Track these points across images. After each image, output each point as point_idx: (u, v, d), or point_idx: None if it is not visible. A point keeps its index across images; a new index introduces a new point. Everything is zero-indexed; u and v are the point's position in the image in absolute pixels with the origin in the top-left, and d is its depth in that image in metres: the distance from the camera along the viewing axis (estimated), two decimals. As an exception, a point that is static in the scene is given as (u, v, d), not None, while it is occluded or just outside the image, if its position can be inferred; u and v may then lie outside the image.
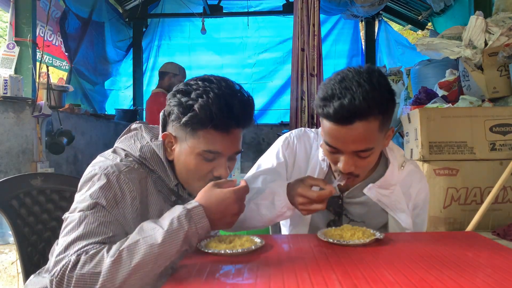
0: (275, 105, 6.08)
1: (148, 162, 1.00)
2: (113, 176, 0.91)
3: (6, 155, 2.94)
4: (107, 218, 0.87)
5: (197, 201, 0.87)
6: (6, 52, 3.10)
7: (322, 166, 1.22)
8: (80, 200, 0.90)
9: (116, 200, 0.90)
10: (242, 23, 5.92)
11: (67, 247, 0.81)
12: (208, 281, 0.77)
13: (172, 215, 0.84)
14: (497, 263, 0.84)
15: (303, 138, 1.29)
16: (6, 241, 2.63)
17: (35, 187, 1.27)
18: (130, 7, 5.88)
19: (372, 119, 0.98)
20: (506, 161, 1.99)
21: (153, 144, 1.01)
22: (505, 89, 2.53)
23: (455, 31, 2.96)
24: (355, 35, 6.14)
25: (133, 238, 0.81)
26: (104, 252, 0.79)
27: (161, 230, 0.81)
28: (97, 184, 0.90)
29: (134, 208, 0.93)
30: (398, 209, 1.19)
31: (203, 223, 0.84)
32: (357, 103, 0.95)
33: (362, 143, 1.01)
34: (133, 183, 0.93)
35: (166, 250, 0.80)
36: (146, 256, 0.78)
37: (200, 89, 0.94)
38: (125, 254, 0.78)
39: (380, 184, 1.18)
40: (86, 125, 4.19)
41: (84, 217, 0.85)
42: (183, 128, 0.96)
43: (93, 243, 0.82)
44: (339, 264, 0.84)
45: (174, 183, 1.01)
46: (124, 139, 1.07)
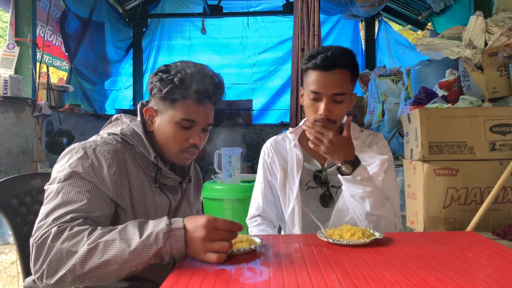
0: (275, 105, 6.09)
1: (128, 137, 1.10)
2: (90, 149, 1.01)
3: (6, 155, 2.94)
4: (82, 187, 0.95)
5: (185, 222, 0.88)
6: (6, 52, 3.10)
7: (297, 154, 1.40)
8: (59, 170, 0.98)
9: (93, 168, 0.98)
10: (242, 23, 5.92)
11: (47, 215, 0.90)
12: (208, 281, 0.77)
13: (154, 228, 0.86)
14: (497, 263, 0.84)
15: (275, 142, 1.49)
16: (6, 241, 2.63)
17: (35, 187, 1.27)
18: (130, 7, 5.88)
19: (346, 70, 1.27)
20: (506, 161, 1.99)
21: (132, 124, 1.12)
22: (505, 89, 2.53)
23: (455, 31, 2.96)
24: (355, 35, 6.14)
25: (113, 235, 0.85)
26: (85, 235, 0.85)
27: (137, 238, 0.84)
28: (75, 156, 0.99)
29: (111, 173, 0.99)
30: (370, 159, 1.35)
31: (179, 245, 0.85)
32: (337, 54, 1.26)
33: (339, 87, 1.26)
34: (108, 153, 1.01)
35: (134, 258, 0.84)
36: (116, 256, 0.83)
37: (178, 67, 1.08)
38: (100, 247, 0.84)
39: None
40: (86, 125, 4.19)
41: (62, 188, 0.94)
42: (163, 100, 1.08)
43: (69, 212, 0.90)
44: (339, 264, 0.84)
45: (153, 155, 1.09)
46: (107, 128, 1.18)
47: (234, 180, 2.53)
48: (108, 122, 1.20)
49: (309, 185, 1.40)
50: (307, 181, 1.40)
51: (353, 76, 1.29)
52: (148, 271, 1.08)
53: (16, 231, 1.17)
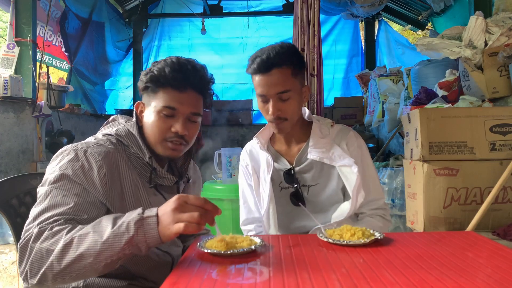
0: (275, 105, 6.08)
1: (122, 138, 1.10)
2: (81, 151, 1.01)
3: (6, 155, 2.94)
4: (71, 190, 0.95)
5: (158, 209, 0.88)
6: (6, 52, 3.10)
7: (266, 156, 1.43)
8: (50, 172, 0.99)
9: (83, 170, 0.98)
10: (242, 23, 5.92)
11: (34, 219, 0.91)
12: (208, 281, 0.77)
13: (126, 218, 0.87)
14: (497, 263, 0.84)
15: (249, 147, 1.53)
16: (6, 241, 2.63)
17: (35, 187, 1.26)
18: (130, 7, 5.88)
19: (285, 67, 1.29)
20: (506, 161, 1.99)
21: (127, 125, 1.14)
22: (505, 89, 2.53)
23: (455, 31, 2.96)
24: (355, 35, 6.14)
25: (87, 229, 0.86)
26: (63, 233, 0.86)
27: (109, 229, 0.85)
28: (66, 158, 1.00)
29: (101, 175, 0.99)
30: (339, 157, 1.36)
31: (153, 234, 0.85)
32: (271, 56, 1.28)
33: (280, 85, 1.28)
34: (99, 155, 1.01)
35: (106, 248, 0.84)
36: (89, 249, 0.84)
37: (161, 61, 1.13)
38: (75, 241, 0.84)
39: (314, 143, 1.39)
40: (86, 125, 4.19)
41: (50, 191, 0.95)
42: (148, 93, 1.11)
43: (56, 215, 0.91)
44: (339, 264, 0.84)
45: (147, 156, 1.10)
46: (103, 129, 1.19)
47: (234, 180, 2.53)
48: (105, 123, 1.21)
49: (281, 185, 1.42)
50: (279, 182, 1.42)
51: (295, 70, 1.31)
52: (147, 270, 1.08)
53: (16, 231, 1.17)
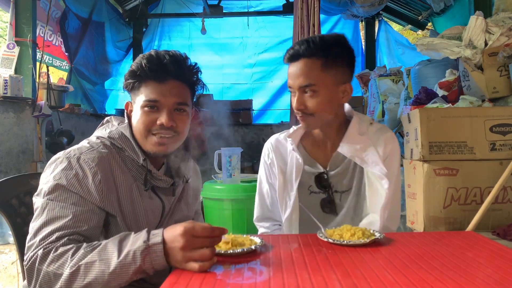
0: (275, 105, 6.08)
1: (116, 141, 1.08)
2: (74, 158, 0.99)
3: (6, 155, 2.94)
4: (67, 200, 0.94)
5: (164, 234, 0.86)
6: (6, 52, 3.10)
7: (297, 158, 1.32)
8: (45, 182, 0.98)
9: (77, 178, 0.97)
10: (242, 23, 5.92)
11: (35, 234, 0.90)
12: (208, 281, 0.77)
13: (131, 246, 0.85)
14: (497, 263, 0.84)
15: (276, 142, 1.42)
16: (6, 241, 2.63)
17: (35, 187, 1.26)
18: (130, 7, 5.88)
19: (315, 58, 1.20)
20: (506, 161, 1.99)
21: (120, 127, 1.11)
22: (505, 89, 2.53)
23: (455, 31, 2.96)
24: (355, 35, 6.14)
25: (93, 256, 0.85)
26: (68, 256, 0.86)
27: (115, 259, 0.84)
28: (60, 167, 0.98)
29: (96, 182, 0.98)
30: (372, 162, 1.27)
31: (160, 261, 0.84)
32: (303, 46, 1.21)
33: (305, 78, 1.20)
34: (93, 161, 1.00)
35: (115, 278, 0.84)
36: (97, 278, 0.83)
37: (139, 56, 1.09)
38: (82, 270, 0.84)
39: (349, 139, 1.29)
40: (86, 125, 4.19)
41: (46, 204, 0.94)
42: (131, 90, 1.09)
43: (55, 230, 0.90)
44: (339, 264, 0.84)
45: (142, 158, 1.07)
46: (97, 131, 1.16)
47: (234, 180, 2.53)
48: (100, 125, 1.19)
49: (311, 189, 1.33)
50: (309, 185, 1.33)
51: (328, 63, 1.19)
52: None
53: (16, 231, 1.17)
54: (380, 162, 1.25)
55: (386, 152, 1.29)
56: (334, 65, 1.21)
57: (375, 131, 1.32)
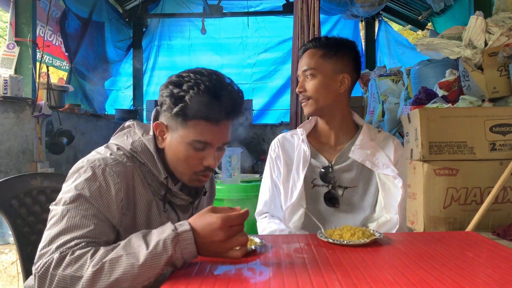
0: (275, 105, 6.08)
1: (138, 155, 1.03)
2: (99, 169, 0.94)
3: (6, 155, 2.94)
4: (89, 211, 0.89)
5: (190, 223, 0.85)
6: (6, 52, 3.10)
7: (304, 150, 1.40)
8: (66, 191, 0.93)
9: (100, 191, 0.92)
10: (242, 23, 5.92)
11: (51, 241, 0.85)
12: (208, 281, 0.77)
13: (160, 236, 0.82)
14: (497, 263, 0.84)
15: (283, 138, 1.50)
16: (6, 241, 2.63)
17: (35, 187, 1.27)
18: (130, 7, 5.87)
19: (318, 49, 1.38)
20: (506, 161, 1.99)
21: (144, 139, 1.05)
22: (505, 89, 2.53)
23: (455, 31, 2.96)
24: (355, 35, 6.13)
25: (117, 252, 0.81)
26: (88, 257, 0.81)
27: (144, 250, 0.80)
28: (83, 176, 0.93)
29: (118, 199, 0.94)
30: (383, 164, 1.36)
31: (190, 249, 0.82)
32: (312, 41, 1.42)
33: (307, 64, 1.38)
34: (118, 176, 0.95)
35: (146, 271, 0.80)
36: (125, 273, 0.79)
37: (191, 81, 0.97)
38: (107, 266, 0.79)
39: (360, 145, 1.38)
40: (86, 125, 4.19)
41: (67, 211, 0.88)
42: (174, 118, 0.99)
43: (76, 238, 0.85)
44: (339, 264, 0.84)
45: (163, 176, 1.03)
46: (117, 136, 1.10)
47: (234, 180, 2.53)
48: (120, 129, 1.13)
49: (314, 182, 1.39)
50: (312, 179, 1.39)
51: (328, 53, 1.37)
52: None
53: (16, 231, 1.17)
54: (390, 164, 1.35)
55: (397, 157, 1.39)
56: (334, 56, 1.37)
57: (383, 138, 1.44)
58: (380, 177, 1.35)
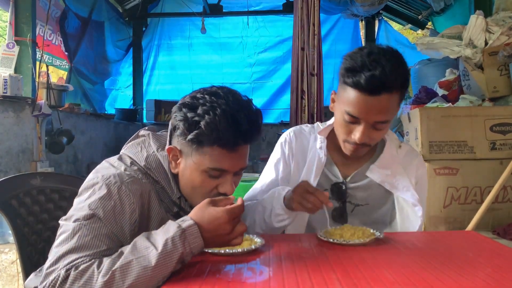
0: (275, 104, 6.08)
1: (152, 172, 0.98)
2: (114, 186, 0.90)
3: (6, 154, 2.94)
4: (101, 230, 0.85)
5: (191, 217, 0.84)
6: (6, 52, 3.09)
7: (320, 156, 1.25)
8: (78, 208, 0.89)
9: (114, 212, 0.88)
10: (242, 22, 5.91)
11: (58, 260, 0.81)
12: (208, 281, 0.77)
13: (166, 235, 0.81)
14: (497, 263, 0.84)
15: (299, 133, 1.34)
16: (6, 241, 2.63)
17: (35, 186, 1.26)
18: (130, 7, 5.87)
19: (395, 92, 1.05)
20: (506, 161, 1.99)
21: (159, 155, 1.00)
22: (505, 88, 2.53)
23: (455, 31, 2.96)
24: (355, 34, 6.13)
25: (126, 258, 0.79)
26: (94, 269, 0.78)
27: (154, 252, 0.79)
28: (97, 194, 0.89)
29: (132, 221, 0.91)
30: (403, 187, 1.21)
31: (197, 242, 0.82)
32: (387, 75, 1.02)
33: (384, 114, 1.07)
34: (134, 195, 0.91)
35: (160, 272, 0.79)
36: (139, 278, 0.77)
37: (207, 104, 0.91)
38: (118, 274, 0.77)
39: (381, 164, 1.23)
40: (86, 124, 4.19)
41: (78, 229, 0.84)
42: (189, 144, 0.93)
43: (84, 257, 0.81)
44: (339, 264, 0.84)
45: (177, 196, 1.00)
46: (131, 146, 1.05)
47: (234, 179, 2.52)
48: (134, 137, 1.08)
49: None
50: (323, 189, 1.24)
51: (402, 95, 1.10)
52: None
53: (15, 230, 1.17)
54: (411, 187, 1.21)
55: (417, 177, 1.27)
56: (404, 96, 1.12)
57: (404, 154, 1.28)
58: (399, 200, 1.23)
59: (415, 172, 1.27)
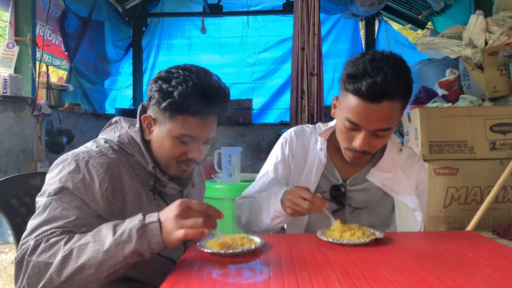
0: (275, 104, 6.08)
1: (125, 146, 1.06)
2: (82, 161, 0.97)
3: (6, 154, 2.94)
4: (71, 203, 0.91)
5: (159, 214, 0.86)
6: (6, 52, 3.09)
7: (320, 158, 1.25)
8: (50, 183, 0.95)
9: (84, 183, 0.94)
10: (242, 22, 5.91)
11: (31, 232, 0.88)
12: (208, 281, 0.76)
13: (127, 225, 0.84)
14: (497, 263, 0.84)
15: (300, 134, 1.33)
16: (6, 241, 2.63)
17: (35, 186, 1.27)
18: (130, 6, 5.87)
19: (397, 100, 1.04)
20: (506, 161, 1.99)
21: (130, 131, 1.08)
22: (505, 88, 2.53)
23: (455, 30, 2.96)
24: (355, 34, 6.13)
25: (86, 239, 0.84)
26: (61, 244, 0.83)
27: (110, 237, 0.83)
28: (67, 169, 0.95)
29: (103, 189, 0.95)
30: (403, 191, 1.21)
31: (157, 239, 0.83)
32: (389, 82, 1.00)
33: (385, 122, 1.05)
34: (101, 167, 0.97)
35: (110, 257, 0.82)
36: (90, 259, 0.81)
37: (180, 77, 1.00)
38: (75, 252, 0.82)
39: (381, 167, 1.22)
40: (85, 124, 4.19)
41: (49, 203, 0.91)
42: (162, 112, 1.01)
43: (55, 228, 0.87)
44: (339, 264, 0.84)
45: (151, 165, 1.05)
46: (105, 131, 1.14)
47: (234, 179, 2.53)
48: (108, 125, 1.16)
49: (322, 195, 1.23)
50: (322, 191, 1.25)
51: (404, 104, 1.07)
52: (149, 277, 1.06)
53: (15, 230, 1.17)
54: (412, 192, 1.21)
55: (418, 181, 1.26)
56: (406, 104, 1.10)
57: (405, 158, 1.26)
58: (399, 204, 1.22)
59: (416, 177, 1.26)
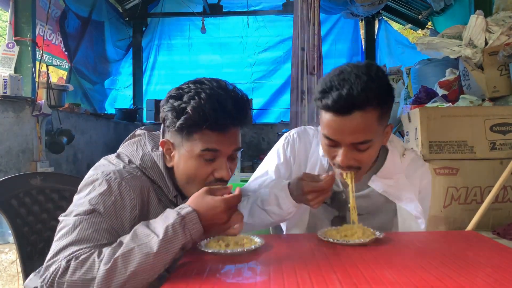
0: (275, 104, 6.08)
1: (148, 171, 0.99)
2: (114, 182, 0.90)
3: (6, 154, 2.94)
4: (102, 225, 0.86)
5: (189, 205, 0.86)
6: (6, 51, 3.09)
7: (322, 162, 1.23)
8: (78, 204, 0.89)
9: (115, 207, 0.88)
10: (242, 22, 5.91)
11: (58, 252, 0.81)
12: (208, 281, 0.76)
13: (166, 222, 0.82)
14: (497, 263, 0.84)
15: (303, 136, 1.30)
16: (6, 241, 2.63)
17: (35, 186, 1.26)
18: (130, 6, 5.87)
19: (370, 110, 0.99)
20: (506, 161, 1.99)
21: (153, 154, 1.01)
22: (505, 88, 2.53)
23: (455, 30, 2.96)
24: (355, 34, 6.14)
25: (127, 245, 0.79)
26: (95, 257, 0.78)
27: (156, 238, 0.80)
28: (97, 190, 0.89)
29: (132, 217, 0.91)
30: (406, 198, 1.18)
31: (197, 228, 0.83)
32: (355, 93, 0.96)
33: (361, 134, 1.01)
34: (134, 191, 0.92)
35: (162, 258, 0.79)
36: (141, 265, 0.78)
37: (192, 91, 0.94)
38: (120, 262, 0.77)
39: (383, 174, 1.19)
40: (86, 124, 4.19)
41: (79, 223, 0.84)
42: (178, 133, 0.95)
43: (84, 248, 0.81)
44: (339, 264, 0.84)
45: (173, 194, 1.01)
46: (127, 145, 1.06)
47: (234, 179, 2.53)
48: (130, 137, 1.09)
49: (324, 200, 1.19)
50: None
51: (383, 112, 1.02)
52: None
53: (15, 230, 1.17)
54: (414, 198, 1.18)
55: (421, 187, 1.24)
56: (387, 113, 1.05)
57: (408, 162, 1.23)
58: (401, 211, 1.20)
59: (418, 182, 1.23)
